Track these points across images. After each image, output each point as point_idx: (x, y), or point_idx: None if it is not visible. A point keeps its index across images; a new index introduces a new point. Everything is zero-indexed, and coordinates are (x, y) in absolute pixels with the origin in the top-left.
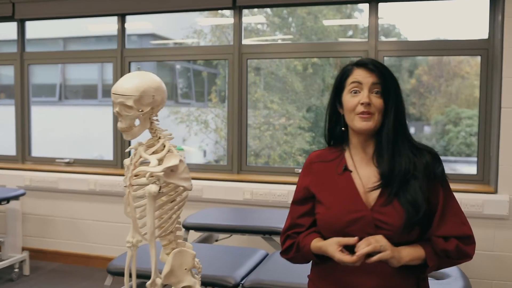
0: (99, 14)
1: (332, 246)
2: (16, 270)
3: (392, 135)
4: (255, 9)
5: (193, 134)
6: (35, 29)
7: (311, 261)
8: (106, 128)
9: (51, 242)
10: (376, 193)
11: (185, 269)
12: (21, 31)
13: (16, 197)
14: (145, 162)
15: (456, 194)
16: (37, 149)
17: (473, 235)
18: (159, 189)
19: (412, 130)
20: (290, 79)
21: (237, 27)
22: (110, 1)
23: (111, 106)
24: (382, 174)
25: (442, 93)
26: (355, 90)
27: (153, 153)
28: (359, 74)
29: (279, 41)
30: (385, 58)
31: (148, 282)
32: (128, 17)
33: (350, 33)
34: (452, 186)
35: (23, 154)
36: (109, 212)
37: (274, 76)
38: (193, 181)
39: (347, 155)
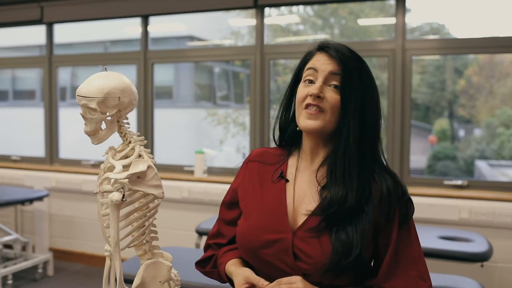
0: (123, 16)
1: (238, 278)
2: (40, 270)
3: (351, 148)
4: (294, 8)
5: (230, 136)
6: (80, 32)
7: None
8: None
9: (76, 243)
10: (307, 210)
11: (160, 281)
12: (50, 34)
13: (39, 198)
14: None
15: (489, 203)
16: (76, 151)
17: None
18: (123, 197)
19: (461, 133)
20: None
21: (259, 27)
22: (133, 3)
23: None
24: (323, 199)
25: (494, 94)
26: (309, 79)
27: (122, 158)
28: (317, 60)
29: None
30: (413, 57)
31: None
32: (163, 19)
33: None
34: (486, 194)
35: (51, 156)
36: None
37: None
38: (216, 185)
39: (292, 160)
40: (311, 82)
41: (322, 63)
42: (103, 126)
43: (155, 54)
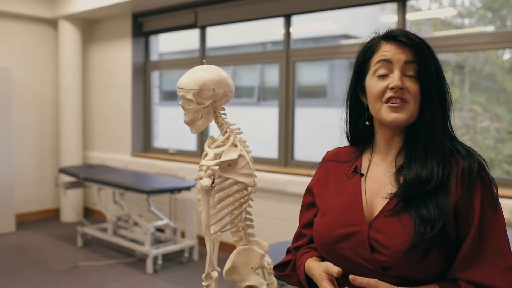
0: (267, 16)
1: (319, 271)
2: (186, 255)
3: (436, 131)
4: (458, 1)
5: None
6: (241, 34)
7: None
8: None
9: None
10: (384, 202)
11: (251, 268)
12: (203, 37)
13: (187, 188)
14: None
15: None
16: None
17: None
18: (212, 183)
19: None
20: (501, 78)
21: (401, 22)
22: (276, 3)
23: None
24: (405, 181)
25: None
26: (382, 72)
27: (217, 146)
28: (387, 50)
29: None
30: None
31: (203, 275)
32: (313, 18)
33: None
34: None
35: (201, 149)
36: (267, 208)
37: (481, 74)
38: None
39: (366, 155)
40: (384, 75)
41: (394, 53)
42: (201, 116)
43: (297, 52)
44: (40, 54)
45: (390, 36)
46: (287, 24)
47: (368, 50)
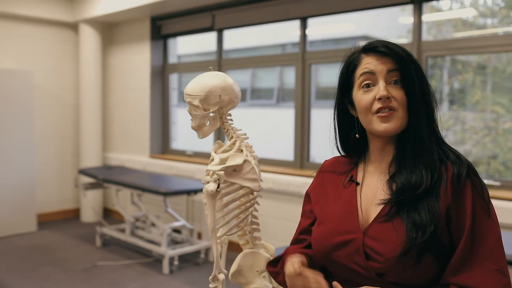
0: (283, 19)
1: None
2: (202, 256)
3: (422, 136)
4: (480, 0)
5: None
6: (261, 36)
7: None
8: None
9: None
10: (378, 209)
11: (257, 271)
12: (220, 40)
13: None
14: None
15: None
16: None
17: None
18: (218, 188)
19: None
20: None
21: (417, 23)
22: (292, 6)
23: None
24: (397, 187)
25: None
26: (367, 84)
27: (224, 151)
28: (369, 62)
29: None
30: None
31: (210, 277)
32: (331, 20)
33: None
34: None
35: None
36: (282, 210)
37: (504, 75)
38: None
39: (361, 165)
40: (368, 86)
41: (376, 64)
42: (208, 122)
43: (313, 55)
44: (61, 58)
45: (370, 48)
46: (303, 27)
47: (350, 65)
